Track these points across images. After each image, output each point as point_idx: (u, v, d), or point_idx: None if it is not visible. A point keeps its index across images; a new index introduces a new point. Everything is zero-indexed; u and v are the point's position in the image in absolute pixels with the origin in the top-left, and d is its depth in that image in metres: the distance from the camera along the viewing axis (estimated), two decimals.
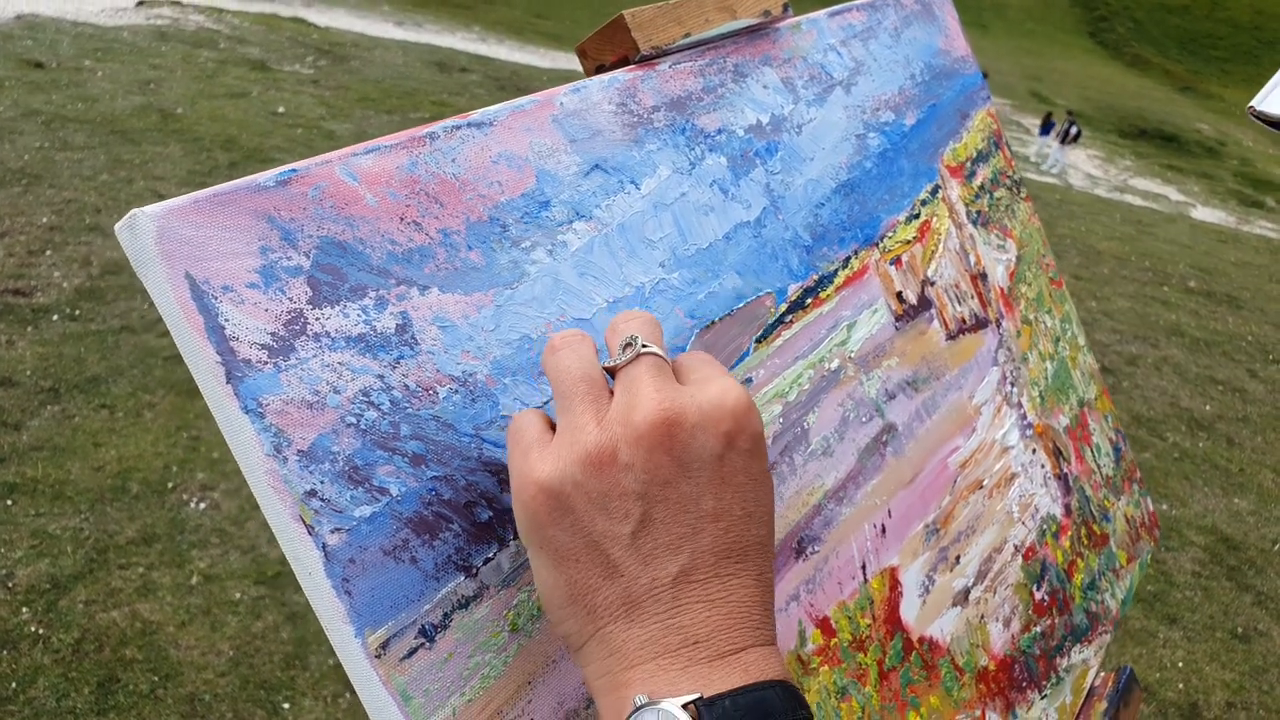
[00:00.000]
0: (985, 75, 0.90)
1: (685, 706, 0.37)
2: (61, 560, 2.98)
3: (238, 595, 2.96)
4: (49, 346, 4.12)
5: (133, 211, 0.38)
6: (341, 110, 8.80)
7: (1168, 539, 4.54)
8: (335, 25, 14.85)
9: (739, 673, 0.39)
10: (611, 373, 0.44)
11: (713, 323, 0.58)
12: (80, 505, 3.24)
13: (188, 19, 11.72)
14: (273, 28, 12.32)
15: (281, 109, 8.34)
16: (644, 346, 0.43)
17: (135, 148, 6.58)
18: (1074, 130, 18.36)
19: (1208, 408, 6.24)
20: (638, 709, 0.37)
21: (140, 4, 12.11)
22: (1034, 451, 0.85)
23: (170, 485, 3.42)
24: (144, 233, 0.37)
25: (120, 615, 2.81)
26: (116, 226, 0.38)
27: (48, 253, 4.93)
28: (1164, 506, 4.85)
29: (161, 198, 6.20)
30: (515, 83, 12.39)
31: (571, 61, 18.48)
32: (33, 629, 2.71)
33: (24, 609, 2.78)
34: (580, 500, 0.40)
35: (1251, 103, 0.73)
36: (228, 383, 0.39)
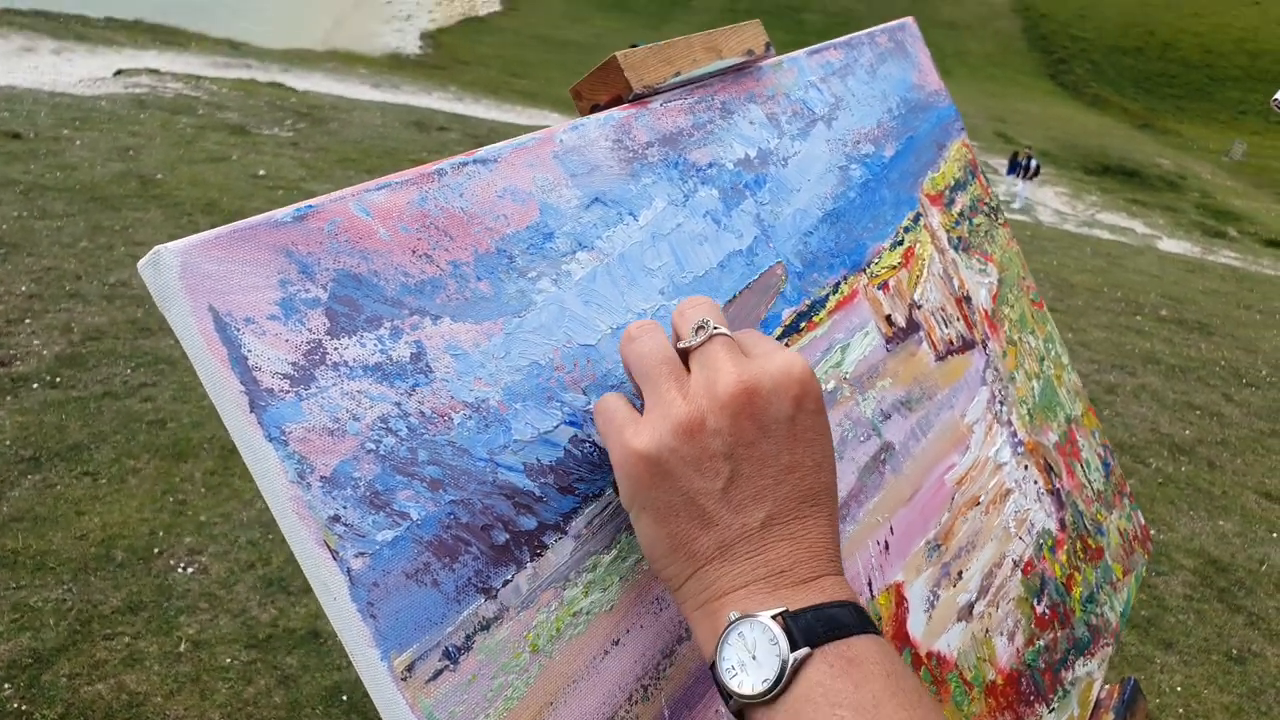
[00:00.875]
0: None
1: (774, 618, 0.43)
2: (44, 633, 2.92)
3: (228, 661, 2.91)
4: (29, 415, 4.08)
5: (156, 248, 0.39)
6: (322, 171, 8.86)
7: (1158, 563, 4.56)
8: (313, 89, 14.98)
9: (817, 594, 0.45)
10: (684, 354, 0.49)
11: (734, 297, 0.62)
12: (63, 575, 3.19)
13: (165, 86, 11.81)
14: (250, 93, 12.42)
15: (262, 171, 8.39)
16: (715, 329, 0.49)
17: (115, 214, 6.59)
18: (1033, 164, 18.74)
19: (1187, 432, 6.30)
20: (733, 622, 0.44)
21: (118, 73, 12.21)
22: (1026, 468, 0.87)
23: (156, 551, 3.37)
24: (167, 268, 0.39)
25: (106, 688, 2.75)
26: (140, 264, 0.39)
27: (27, 321, 4.90)
28: (1152, 532, 4.86)
29: None
30: (494, 139, 12.52)
31: (547, 119, 18.73)
32: (15, 705, 2.65)
33: (5, 685, 2.72)
34: (676, 464, 0.46)
35: (1276, 95, 0.76)
36: (251, 412, 0.40)
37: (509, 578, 0.47)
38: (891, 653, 0.44)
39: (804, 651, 0.42)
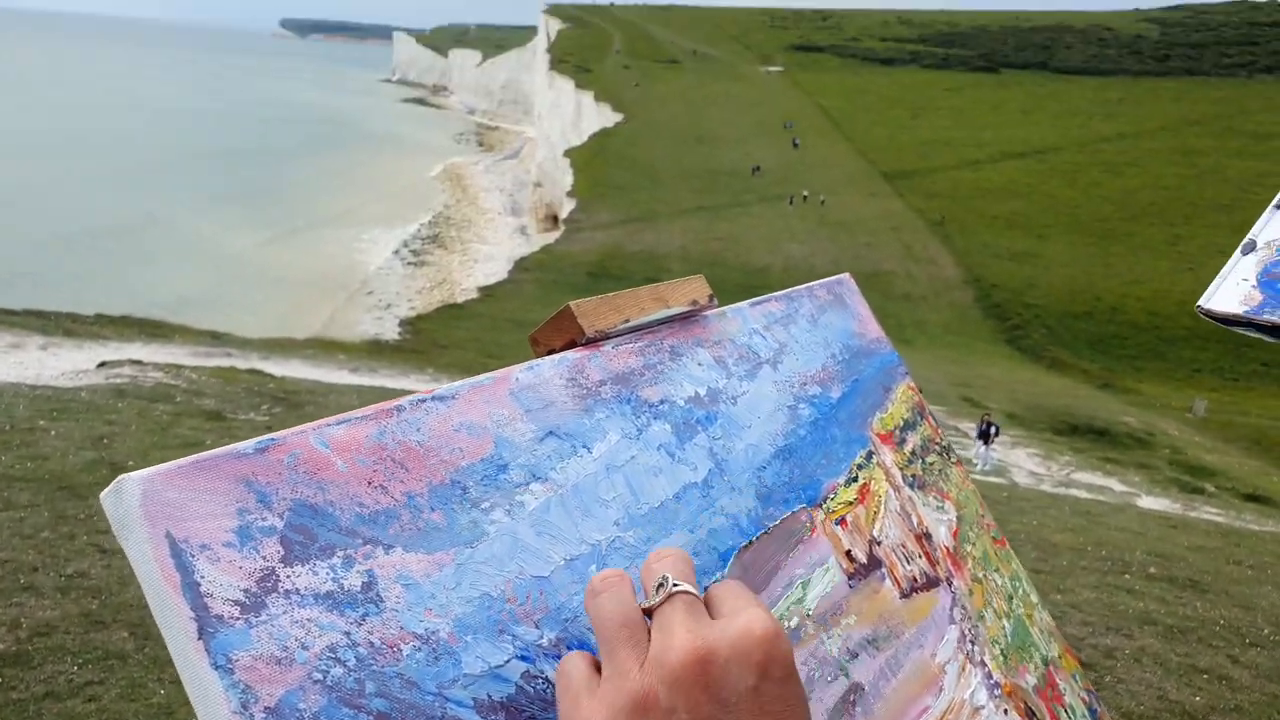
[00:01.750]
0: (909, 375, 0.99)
1: None
2: None
3: None
4: None
5: (120, 477, 0.41)
6: None
7: None
8: (291, 375, 15.40)
9: None
10: (648, 613, 0.47)
11: (750, 542, 0.64)
12: None
13: (146, 376, 12.10)
14: (229, 379, 12.75)
15: None
16: (675, 585, 0.46)
17: (81, 503, 6.53)
18: (994, 429, 19.23)
19: (1198, 699, 6.03)
20: None
21: (101, 365, 12.55)
22: (1005, 712, 0.84)
23: None
24: (129, 495, 0.40)
25: None
26: (103, 495, 0.41)
27: None
28: None
29: (104, 551, 6.05)
30: None
31: None
32: None
33: None
34: None
35: (1199, 302, 0.80)
36: (199, 639, 0.40)
37: None
38: None
39: None
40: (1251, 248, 0.83)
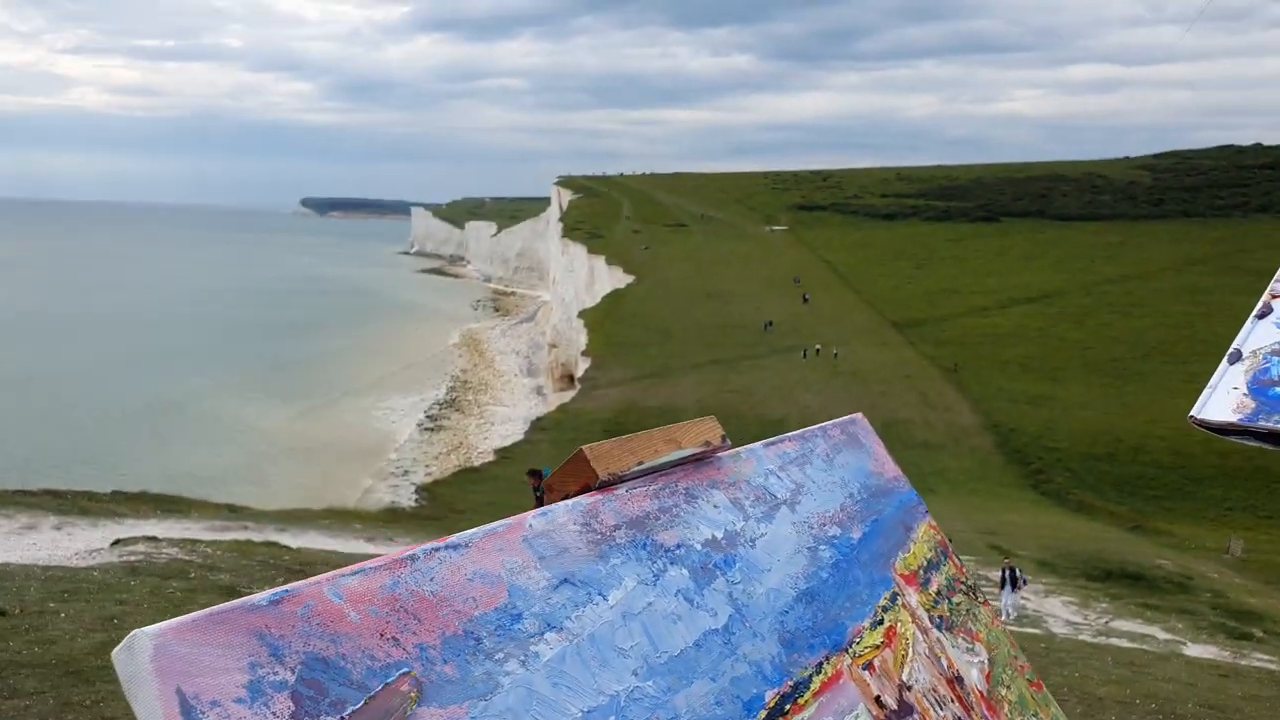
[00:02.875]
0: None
1: None
2: None
3: None
4: None
5: (134, 632, 0.40)
6: None
7: None
8: (308, 546, 15.22)
9: None
10: None
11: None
12: None
13: (160, 553, 11.97)
14: (245, 553, 12.60)
15: None
16: None
17: (89, 688, 6.34)
18: (1018, 574, 18.64)
19: None
20: None
21: (116, 543, 12.44)
22: None
23: None
24: (141, 652, 0.40)
25: None
26: (115, 652, 0.40)
27: None
28: None
29: None
30: None
31: None
32: None
33: None
34: None
35: (1191, 412, 0.80)
36: None
37: None
38: None
39: None
40: (1238, 357, 0.84)
